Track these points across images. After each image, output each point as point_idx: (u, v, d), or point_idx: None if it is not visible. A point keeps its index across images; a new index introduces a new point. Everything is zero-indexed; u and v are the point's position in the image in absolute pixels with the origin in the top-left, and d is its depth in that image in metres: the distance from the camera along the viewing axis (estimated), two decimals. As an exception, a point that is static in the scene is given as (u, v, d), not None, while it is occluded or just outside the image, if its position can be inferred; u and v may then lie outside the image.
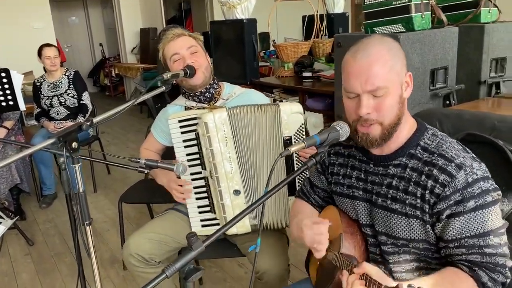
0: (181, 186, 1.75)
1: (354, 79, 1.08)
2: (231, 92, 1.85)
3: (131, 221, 3.28)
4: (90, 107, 3.77)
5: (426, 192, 1.07)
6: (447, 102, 2.50)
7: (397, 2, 2.45)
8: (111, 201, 3.72)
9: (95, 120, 1.25)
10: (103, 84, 9.51)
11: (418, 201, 1.08)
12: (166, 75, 1.53)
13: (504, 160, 1.21)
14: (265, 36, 6.63)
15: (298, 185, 1.67)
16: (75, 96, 3.72)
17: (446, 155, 1.07)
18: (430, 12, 2.44)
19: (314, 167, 1.35)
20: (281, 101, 3.63)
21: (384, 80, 1.06)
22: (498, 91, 2.71)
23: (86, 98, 3.77)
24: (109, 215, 3.45)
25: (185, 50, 1.73)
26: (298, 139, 1.64)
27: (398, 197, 1.12)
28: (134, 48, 7.94)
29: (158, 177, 1.83)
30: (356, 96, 1.09)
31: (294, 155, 1.65)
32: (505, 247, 1.05)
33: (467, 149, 1.11)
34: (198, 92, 1.79)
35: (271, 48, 7.07)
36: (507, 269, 1.04)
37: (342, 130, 1.09)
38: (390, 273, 1.16)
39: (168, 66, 1.78)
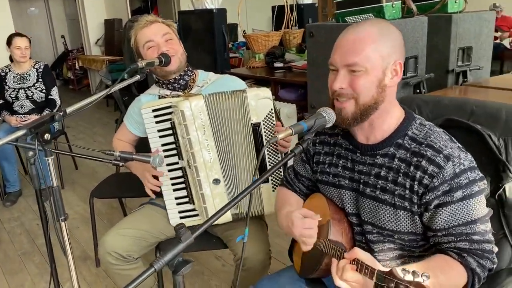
0: (157, 178, 1.70)
1: (337, 52, 1.09)
2: (205, 78, 1.80)
3: (102, 217, 3.19)
4: (58, 102, 3.62)
5: (415, 183, 1.07)
6: (417, 90, 2.54)
7: (368, -9, 2.46)
8: (79, 197, 3.61)
9: (69, 110, 1.18)
10: (66, 77, 9.19)
11: (407, 192, 1.08)
12: (141, 63, 1.48)
13: (482, 144, 1.23)
14: (233, 28, 6.58)
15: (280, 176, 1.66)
16: (44, 91, 3.56)
17: (434, 145, 1.07)
18: (400, 1, 2.47)
19: (298, 156, 1.34)
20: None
21: (364, 58, 1.05)
22: (465, 79, 2.78)
23: (55, 94, 3.61)
24: (78, 212, 3.34)
25: (159, 37, 1.68)
26: (268, 125, 1.62)
27: (387, 187, 1.11)
28: (98, 39, 7.70)
29: (133, 167, 1.77)
30: (336, 70, 1.09)
31: (263, 133, 1.61)
32: (490, 233, 1.07)
33: (453, 139, 1.11)
34: (172, 79, 1.74)
35: (239, 39, 7.04)
36: (494, 255, 1.07)
37: (329, 116, 1.08)
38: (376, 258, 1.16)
39: (140, 54, 1.71)
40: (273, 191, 1.67)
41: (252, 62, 4.14)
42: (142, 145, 1.85)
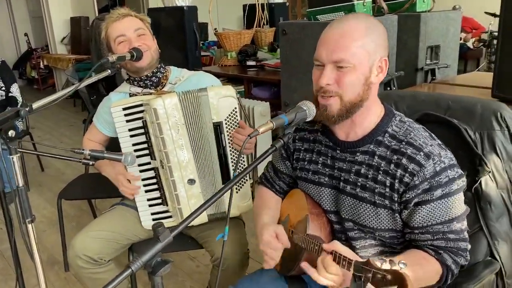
0: (129, 181, 1.64)
1: (322, 48, 1.06)
2: (179, 75, 1.74)
3: (70, 219, 3.08)
4: (20, 100, 3.46)
5: (396, 181, 1.06)
6: (388, 88, 2.57)
7: (340, -10, 2.48)
8: (46, 199, 3.47)
9: (35, 105, 1.12)
10: (30, 76, 8.86)
11: (387, 190, 1.08)
12: (112, 58, 1.42)
13: (459, 138, 1.24)
14: (203, 27, 6.52)
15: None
16: (3, 88, 3.40)
17: (415, 143, 1.06)
18: (371, 0, 2.49)
19: (278, 153, 1.32)
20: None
21: (350, 55, 1.03)
22: (434, 77, 2.85)
23: (15, 90, 3.45)
24: (45, 215, 3.21)
25: (131, 32, 1.61)
26: (232, 124, 1.58)
27: (367, 185, 1.10)
28: (64, 38, 7.47)
29: (104, 168, 1.70)
30: (321, 65, 1.07)
31: (226, 133, 1.57)
32: (465, 232, 1.09)
33: (433, 135, 1.11)
34: (144, 76, 1.67)
35: (210, 38, 6.98)
36: (467, 252, 1.09)
37: (309, 109, 1.06)
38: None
39: (111, 48, 1.64)
40: (237, 192, 1.64)
41: (224, 60, 4.11)
42: (114, 145, 1.79)
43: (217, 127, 1.56)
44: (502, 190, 1.26)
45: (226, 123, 1.57)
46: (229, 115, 1.57)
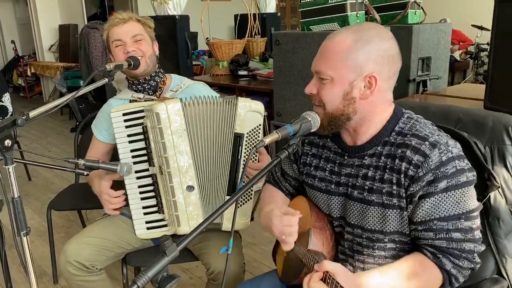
0: (116, 197, 1.60)
1: (315, 57, 1.08)
2: (180, 83, 1.75)
3: (59, 230, 3.02)
4: (10, 109, 3.38)
5: (401, 176, 1.02)
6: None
7: (333, 1, 2.49)
8: (34, 210, 3.40)
9: (32, 114, 1.09)
10: (16, 84, 8.73)
11: (395, 187, 1.04)
12: (109, 66, 1.41)
13: (469, 152, 1.20)
14: (193, 36, 6.52)
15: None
16: None
17: (420, 134, 1.03)
18: (364, 11, 2.51)
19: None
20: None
21: (330, 67, 1.03)
22: (425, 88, 2.88)
23: (6, 100, 3.37)
24: (33, 225, 3.14)
25: (129, 38, 1.63)
26: (251, 140, 1.57)
27: (374, 187, 1.07)
28: (52, 45, 7.40)
29: (93, 185, 1.66)
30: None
31: (244, 146, 1.56)
32: (476, 231, 1.03)
33: (442, 131, 1.09)
34: (142, 79, 1.69)
35: (200, 47, 6.99)
36: (475, 254, 1.03)
37: (314, 120, 1.06)
38: (363, 263, 1.14)
39: (110, 49, 1.68)
40: (239, 207, 1.61)
41: (215, 69, 4.10)
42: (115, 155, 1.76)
43: (238, 138, 1.56)
44: (511, 206, 1.21)
45: (247, 137, 1.57)
46: (252, 130, 1.57)
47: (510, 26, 1.74)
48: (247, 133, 1.57)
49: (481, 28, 5.95)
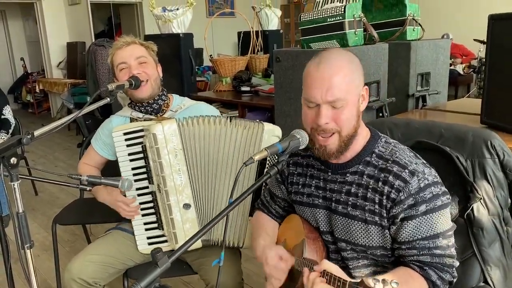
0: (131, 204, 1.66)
1: (316, 89, 1.09)
2: (180, 104, 1.80)
3: (64, 244, 3.06)
4: (13, 121, 3.46)
5: (383, 198, 1.11)
6: (380, 114, 2.62)
7: (332, 19, 2.55)
8: (40, 224, 3.46)
9: (37, 133, 1.15)
10: (25, 100, 8.89)
11: (377, 207, 1.12)
12: (111, 86, 1.46)
13: (451, 165, 1.28)
14: (198, 52, 6.63)
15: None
16: None
17: (400, 161, 1.12)
18: (362, 29, 2.57)
19: (273, 178, 1.36)
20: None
21: (343, 91, 1.08)
22: (425, 103, 2.91)
23: (8, 113, 3.46)
24: (38, 239, 3.19)
25: (133, 60, 1.67)
26: (270, 163, 1.61)
27: (358, 203, 1.15)
28: (60, 62, 7.55)
29: (99, 194, 1.72)
30: (316, 105, 1.10)
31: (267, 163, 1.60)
32: (452, 248, 1.12)
33: (418, 155, 1.17)
34: (146, 102, 1.73)
35: (205, 63, 7.10)
36: (454, 269, 1.11)
37: (302, 138, 1.11)
38: (350, 277, 1.18)
39: (115, 73, 1.72)
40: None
41: (219, 86, 4.17)
42: (111, 168, 1.81)
43: (264, 161, 1.59)
44: (493, 217, 1.28)
45: (268, 160, 1.60)
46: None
47: (504, 42, 1.79)
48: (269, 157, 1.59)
49: (483, 42, 6.00)
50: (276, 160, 1.07)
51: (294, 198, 1.31)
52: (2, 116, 3.44)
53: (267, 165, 1.61)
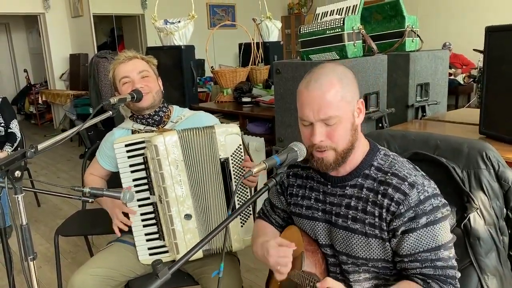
0: (127, 216, 1.69)
1: (308, 109, 1.11)
2: (180, 114, 1.83)
3: (66, 255, 3.08)
4: (18, 135, 3.52)
5: (383, 211, 1.12)
6: (380, 125, 2.64)
7: (331, 31, 2.58)
8: (42, 235, 3.47)
9: (40, 146, 1.18)
10: (28, 111, 8.96)
11: (377, 220, 1.13)
12: (113, 100, 1.49)
13: (448, 176, 1.29)
14: (199, 63, 6.68)
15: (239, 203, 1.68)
16: (2, 124, 3.47)
17: (399, 174, 1.12)
18: (361, 40, 2.60)
19: (274, 188, 1.37)
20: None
21: (335, 109, 1.09)
22: (424, 114, 2.93)
23: (14, 126, 3.51)
24: (40, 251, 3.20)
25: (135, 74, 1.71)
26: (237, 160, 1.65)
27: (358, 217, 1.16)
28: (63, 74, 7.61)
29: (104, 202, 1.76)
30: (310, 124, 1.12)
31: (232, 169, 1.63)
32: (453, 259, 1.13)
33: (417, 167, 1.18)
34: (147, 114, 1.76)
35: (206, 74, 7.14)
36: (456, 280, 1.12)
37: (300, 150, 1.13)
38: None
39: (117, 88, 1.74)
40: (242, 226, 1.68)
41: (220, 97, 4.20)
42: (118, 178, 1.83)
43: (224, 163, 1.63)
44: (489, 226, 1.30)
45: (232, 159, 1.64)
46: (235, 151, 1.64)
47: (501, 54, 1.81)
48: (231, 156, 1.64)
49: (482, 52, 6.03)
50: (274, 173, 1.08)
51: (293, 210, 1.32)
52: (9, 130, 3.49)
53: (231, 166, 1.63)
